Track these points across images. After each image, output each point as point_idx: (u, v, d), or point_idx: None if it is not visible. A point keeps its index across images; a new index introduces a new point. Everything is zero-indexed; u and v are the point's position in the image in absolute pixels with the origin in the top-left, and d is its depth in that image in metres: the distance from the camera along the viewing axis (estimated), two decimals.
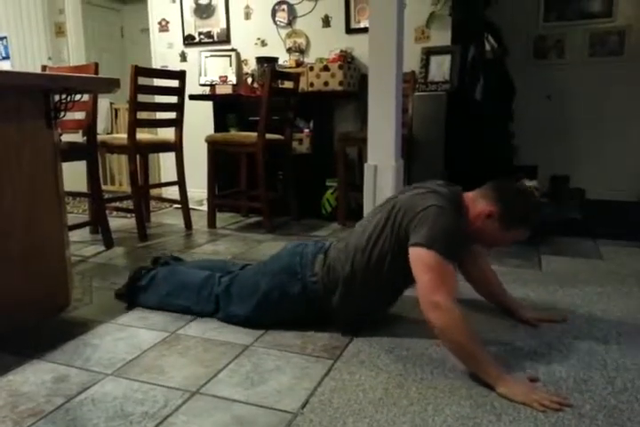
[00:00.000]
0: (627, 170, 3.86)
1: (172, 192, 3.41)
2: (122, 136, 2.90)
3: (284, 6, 3.71)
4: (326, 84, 3.37)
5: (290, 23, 3.71)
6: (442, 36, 3.38)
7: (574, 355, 1.44)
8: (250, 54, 3.77)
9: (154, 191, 3.57)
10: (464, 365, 1.31)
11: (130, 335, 1.63)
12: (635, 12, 3.77)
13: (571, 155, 3.94)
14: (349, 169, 3.15)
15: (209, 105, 3.60)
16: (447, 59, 3.32)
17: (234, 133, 3.28)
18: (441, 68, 3.34)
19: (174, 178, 3.09)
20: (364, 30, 3.12)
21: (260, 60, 3.54)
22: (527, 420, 1.14)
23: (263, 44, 3.79)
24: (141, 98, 2.79)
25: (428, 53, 3.39)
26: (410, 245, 1.37)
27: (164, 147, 3.09)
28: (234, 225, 3.28)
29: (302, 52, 3.70)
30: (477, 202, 1.47)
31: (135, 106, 2.75)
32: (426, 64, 3.39)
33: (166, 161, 4.05)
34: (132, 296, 1.85)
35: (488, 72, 3.29)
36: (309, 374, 1.37)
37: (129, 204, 3.07)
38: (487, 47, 3.41)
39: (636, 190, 3.83)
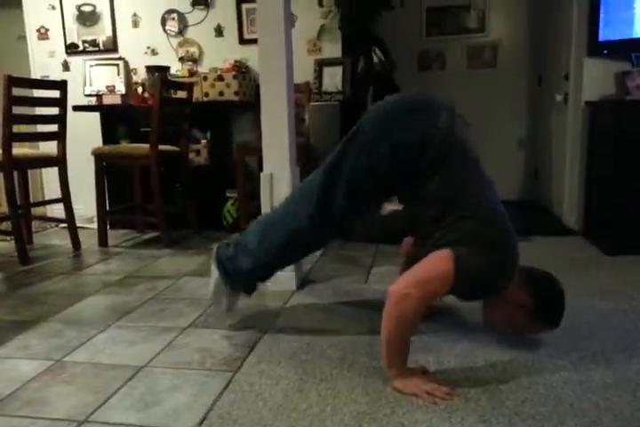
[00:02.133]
0: (503, 169, 4.20)
1: (58, 210, 3.17)
2: None
3: (174, 15, 3.64)
4: (221, 93, 3.33)
5: (181, 32, 3.63)
6: (333, 48, 3.50)
7: (459, 344, 1.54)
8: (139, 63, 3.64)
9: (38, 210, 3.30)
10: (384, 349, 1.28)
11: (8, 368, 1.48)
12: (504, 29, 4.16)
13: None
14: (249, 179, 3.13)
15: (96, 116, 3.41)
16: (339, 70, 3.44)
17: (123, 146, 3.13)
18: (334, 78, 3.45)
19: (59, 195, 2.88)
20: (257, 41, 3.14)
21: (150, 68, 3.42)
22: (420, 409, 1.19)
23: (154, 52, 3.68)
24: (20, 110, 2.58)
25: (321, 65, 3.49)
26: (446, 247, 1.29)
27: (45, 162, 2.86)
28: (128, 242, 3.12)
29: (195, 61, 3.64)
30: (516, 285, 1.37)
31: (9, 118, 2.54)
32: (319, 75, 3.49)
33: (50, 177, 3.76)
34: (228, 273, 1.60)
35: (377, 83, 3.45)
36: (208, 390, 1.33)
37: (8, 225, 2.81)
38: (375, 60, 3.57)
39: (512, 190, 4.21)
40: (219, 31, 3.61)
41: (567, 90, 3.11)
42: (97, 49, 3.73)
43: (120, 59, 3.67)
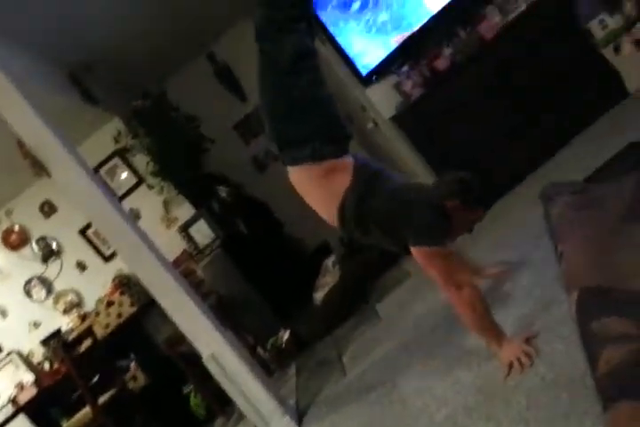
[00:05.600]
0: None
1: None
2: None
3: (34, 282, 3.52)
4: (120, 315, 3.17)
5: (50, 291, 3.52)
6: (186, 210, 3.48)
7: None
8: (34, 342, 3.44)
9: None
10: (479, 335, 1.39)
11: None
12: None
13: None
14: (198, 365, 2.87)
15: (24, 418, 3.07)
16: (202, 223, 3.43)
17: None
18: (203, 232, 3.42)
19: None
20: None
21: (44, 342, 3.25)
22: None
23: (37, 325, 3.50)
24: None
25: (185, 228, 3.47)
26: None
27: None
28: None
29: (79, 304, 3.51)
30: None
31: None
32: (189, 237, 3.45)
33: None
34: None
35: (238, 210, 3.48)
36: None
37: None
38: (223, 194, 3.62)
39: None
40: (82, 266, 3.56)
41: (371, 118, 3.26)
42: None
43: (9, 354, 3.44)
